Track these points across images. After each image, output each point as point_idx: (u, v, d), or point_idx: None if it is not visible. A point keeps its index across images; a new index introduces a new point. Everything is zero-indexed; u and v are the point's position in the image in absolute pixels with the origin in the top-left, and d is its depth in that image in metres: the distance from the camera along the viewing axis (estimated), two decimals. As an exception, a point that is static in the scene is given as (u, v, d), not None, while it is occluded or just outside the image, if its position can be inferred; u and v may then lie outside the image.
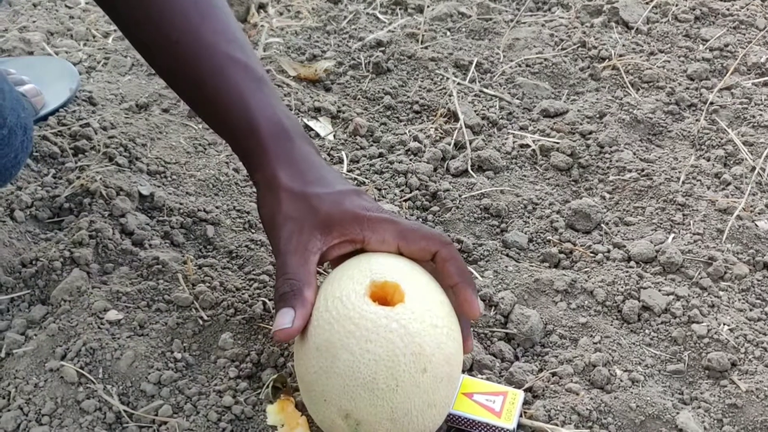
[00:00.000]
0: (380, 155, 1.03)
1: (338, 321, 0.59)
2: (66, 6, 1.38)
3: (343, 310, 0.60)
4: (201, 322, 0.78)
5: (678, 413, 0.69)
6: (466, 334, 0.65)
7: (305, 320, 0.61)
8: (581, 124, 1.06)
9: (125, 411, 0.70)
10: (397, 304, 0.60)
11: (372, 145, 1.05)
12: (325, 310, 0.61)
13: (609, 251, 0.87)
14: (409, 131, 1.07)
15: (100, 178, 0.91)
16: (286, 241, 0.65)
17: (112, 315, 0.77)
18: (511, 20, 1.32)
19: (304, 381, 0.62)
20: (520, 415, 0.69)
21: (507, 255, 0.88)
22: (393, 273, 0.62)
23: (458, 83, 1.16)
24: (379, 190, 0.96)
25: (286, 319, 0.61)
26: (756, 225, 0.89)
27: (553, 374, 0.74)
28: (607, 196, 0.96)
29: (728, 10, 1.31)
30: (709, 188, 0.95)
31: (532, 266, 0.86)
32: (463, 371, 0.73)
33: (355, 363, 0.58)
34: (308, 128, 1.07)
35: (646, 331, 0.78)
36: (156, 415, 0.69)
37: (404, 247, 0.66)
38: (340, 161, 1.01)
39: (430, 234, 0.66)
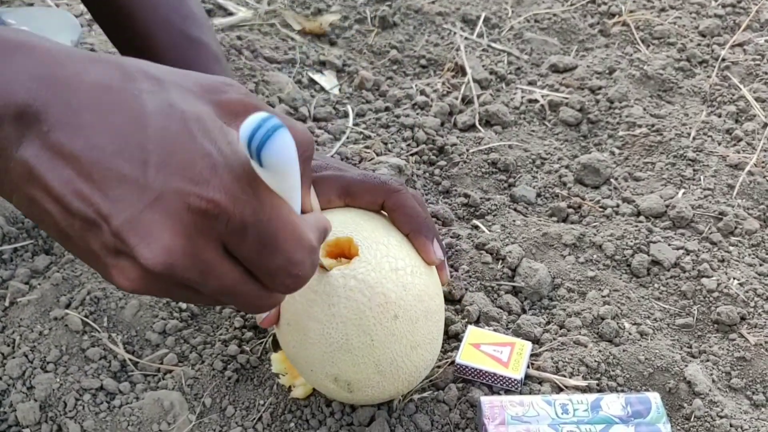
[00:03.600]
0: (386, 109, 1.01)
1: (299, 292, 0.57)
2: (66, -42, 1.36)
3: None
4: (206, 272, 0.77)
5: (686, 366, 0.69)
6: (423, 246, 0.62)
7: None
8: (590, 79, 1.04)
9: (130, 359, 0.69)
10: (353, 258, 0.58)
11: (378, 99, 1.03)
12: None
13: (618, 206, 0.86)
14: (415, 85, 1.05)
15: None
16: None
17: (117, 265, 0.76)
18: (520, -25, 1.30)
19: (289, 356, 0.62)
20: (528, 366, 0.68)
21: (515, 209, 0.87)
22: (343, 228, 0.60)
23: (466, 38, 1.14)
24: (386, 144, 0.94)
25: None
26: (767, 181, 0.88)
27: (561, 326, 0.73)
28: (617, 151, 0.94)
29: (741, -34, 1.28)
30: (720, 144, 0.94)
31: (540, 220, 0.85)
32: (470, 323, 0.72)
33: (325, 330, 0.57)
34: (313, 82, 1.06)
35: (655, 285, 0.77)
36: (161, 363, 0.69)
37: (351, 203, 0.64)
38: (346, 115, 1.00)
39: (375, 184, 0.63)
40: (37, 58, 0.39)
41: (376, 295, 0.57)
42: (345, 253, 0.60)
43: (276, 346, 0.70)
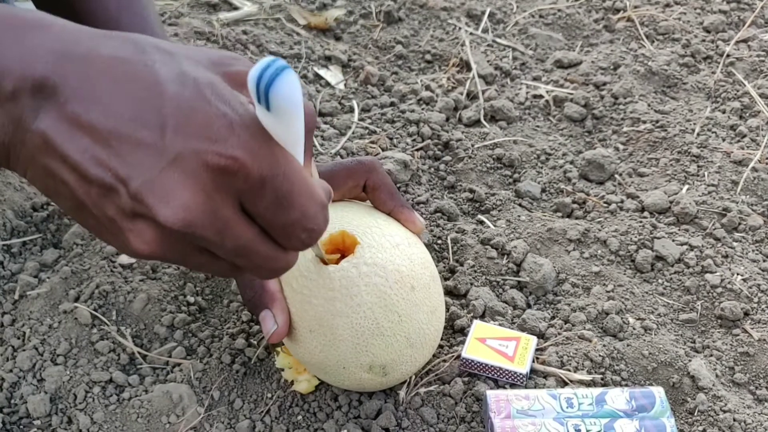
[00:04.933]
0: (392, 104, 1.02)
1: (315, 296, 0.58)
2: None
3: (313, 284, 0.58)
4: (213, 266, 0.77)
5: (690, 360, 0.69)
6: (408, 217, 0.65)
7: (285, 311, 0.60)
8: (595, 75, 1.05)
9: (139, 352, 0.70)
10: (355, 248, 0.60)
11: (383, 94, 1.04)
12: (295, 293, 0.59)
13: (622, 201, 0.86)
14: (421, 80, 1.05)
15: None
16: None
17: (125, 259, 0.77)
18: (525, -30, 1.30)
19: (312, 363, 0.62)
20: (533, 361, 0.69)
21: (520, 205, 0.87)
22: (331, 224, 0.60)
23: (471, 33, 1.14)
24: (391, 139, 0.95)
25: (269, 323, 0.59)
26: (771, 177, 0.88)
27: (566, 321, 0.74)
28: (621, 147, 0.95)
29: (746, -39, 1.28)
30: (724, 140, 0.94)
31: (545, 216, 0.85)
32: (476, 317, 0.73)
33: (354, 321, 0.58)
34: (319, 77, 1.06)
35: (660, 280, 0.78)
36: (170, 356, 0.70)
37: (334, 195, 0.64)
38: (351, 110, 1.00)
39: (353, 168, 0.64)
40: (54, 35, 0.40)
41: (390, 273, 0.59)
42: (340, 247, 0.61)
43: (275, 345, 0.70)
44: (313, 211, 0.42)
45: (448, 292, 0.76)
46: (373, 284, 0.58)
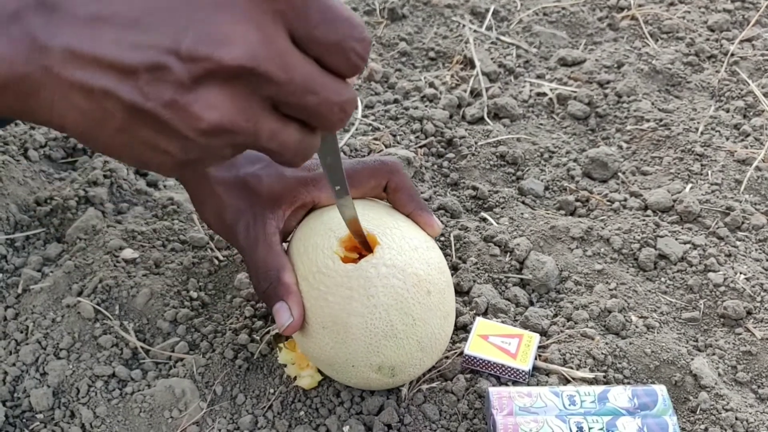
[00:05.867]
0: (395, 101, 1.02)
1: (331, 292, 0.58)
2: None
3: (331, 281, 0.58)
4: (216, 262, 0.78)
5: (692, 359, 0.69)
6: (427, 220, 0.65)
7: (301, 305, 0.59)
8: (599, 73, 1.05)
9: (142, 347, 0.70)
10: (375, 248, 0.59)
11: (387, 91, 1.04)
12: (311, 288, 0.59)
13: (626, 200, 0.86)
14: (424, 78, 1.05)
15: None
16: (245, 236, 0.62)
17: (128, 253, 0.77)
18: (529, -32, 1.30)
19: (321, 360, 0.61)
20: (535, 358, 0.69)
21: (523, 202, 0.87)
22: None
23: (475, 30, 1.14)
24: (395, 136, 0.95)
25: (284, 316, 0.59)
26: (775, 176, 0.88)
27: (569, 319, 0.74)
28: (625, 145, 0.95)
29: (751, -40, 1.28)
30: (728, 139, 0.94)
31: (548, 213, 0.85)
32: (478, 314, 0.73)
33: (368, 321, 0.58)
34: (322, 73, 1.06)
35: (662, 279, 0.78)
36: (172, 351, 0.70)
37: (355, 193, 0.64)
38: (355, 107, 1.00)
39: (375, 168, 0.64)
40: None
41: (408, 276, 0.58)
42: (358, 247, 0.61)
43: (278, 341, 0.70)
44: (356, 18, 0.41)
45: (451, 289, 0.76)
46: (390, 286, 0.58)
